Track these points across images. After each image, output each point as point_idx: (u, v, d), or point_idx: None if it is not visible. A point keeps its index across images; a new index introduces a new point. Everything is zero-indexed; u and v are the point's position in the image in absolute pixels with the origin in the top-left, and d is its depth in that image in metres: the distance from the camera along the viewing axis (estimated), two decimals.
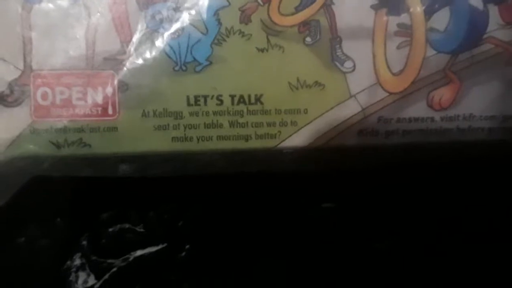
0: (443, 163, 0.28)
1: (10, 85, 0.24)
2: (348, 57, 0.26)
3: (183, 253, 0.28)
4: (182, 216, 0.29)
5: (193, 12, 0.25)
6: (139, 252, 0.28)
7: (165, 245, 0.29)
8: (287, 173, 0.28)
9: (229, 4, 0.25)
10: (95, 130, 0.25)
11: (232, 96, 0.26)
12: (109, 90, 0.25)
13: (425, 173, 0.29)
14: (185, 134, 0.26)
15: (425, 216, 0.29)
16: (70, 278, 0.28)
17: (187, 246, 0.29)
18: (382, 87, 0.27)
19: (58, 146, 0.25)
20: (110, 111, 0.25)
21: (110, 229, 0.29)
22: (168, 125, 0.25)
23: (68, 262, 0.28)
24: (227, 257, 0.29)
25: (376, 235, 0.29)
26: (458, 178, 0.29)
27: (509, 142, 0.28)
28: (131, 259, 0.28)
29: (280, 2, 0.26)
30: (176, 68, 0.25)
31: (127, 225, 0.29)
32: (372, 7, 0.26)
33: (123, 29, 0.25)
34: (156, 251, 0.28)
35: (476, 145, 0.28)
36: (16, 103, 0.24)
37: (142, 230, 0.29)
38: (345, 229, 0.29)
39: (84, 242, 0.28)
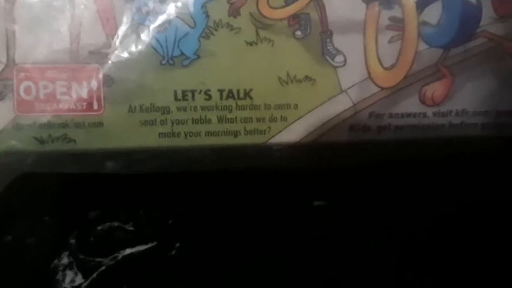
0: (436, 159, 0.28)
1: None
2: (339, 51, 0.26)
3: (173, 252, 0.28)
4: (172, 214, 0.29)
5: (180, 4, 0.25)
6: (128, 251, 0.28)
7: (154, 243, 0.28)
8: (277, 170, 0.28)
9: None
10: (80, 126, 0.24)
11: (221, 91, 0.25)
12: (94, 84, 0.24)
13: (418, 169, 0.29)
14: (172, 130, 0.25)
15: (418, 213, 0.29)
16: (57, 277, 0.28)
17: (177, 244, 0.28)
18: (373, 82, 0.26)
19: (42, 141, 0.24)
20: (95, 106, 0.24)
21: (99, 227, 0.28)
22: (155, 120, 0.25)
23: (56, 261, 0.28)
24: (217, 255, 0.28)
25: (368, 232, 0.29)
26: (451, 174, 0.29)
27: (502, 137, 0.28)
28: (120, 257, 0.28)
29: None
30: (163, 62, 0.25)
31: (116, 223, 0.28)
32: (364, 0, 0.26)
33: (108, 22, 0.24)
34: (146, 249, 0.28)
35: (470, 140, 0.27)
36: None
37: (131, 228, 0.28)
38: (336, 225, 0.29)
39: (72, 241, 0.28)
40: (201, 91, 0.25)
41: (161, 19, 0.24)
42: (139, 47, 0.24)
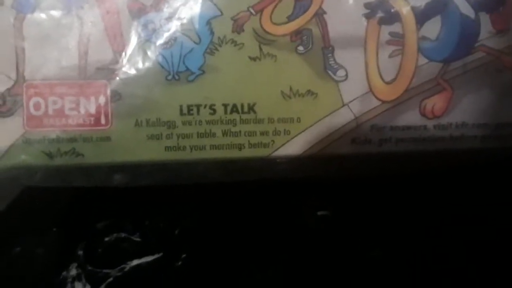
0: (436, 171, 0.28)
1: (3, 95, 0.24)
2: (340, 66, 0.26)
3: (180, 262, 0.28)
4: (178, 225, 0.29)
5: (185, 21, 0.25)
6: (135, 262, 0.28)
7: (161, 254, 0.28)
8: (280, 182, 0.28)
9: (222, 13, 0.25)
10: (88, 140, 0.25)
11: (225, 105, 0.26)
12: (101, 99, 0.25)
13: (419, 181, 0.29)
14: (178, 144, 0.26)
15: (418, 224, 0.29)
16: None
17: (184, 255, 0.29)
18: (374, 96, 0.27)
19: (51, 156, 0.25)
20: (102, 121, 0.25)
21: (106, 239, 0.28)
22: (161, 134, 0.25)
23: (64, 273, 0.28)
24: (223, 266, 0.29)
25: (369, 244, 0.29)
26: (452, 186, 0.29)
27: (502, 149, 0.28)
28: (127, 268, 0.28)
29: (272, 11, 0.26)
30: (169, 78, 0.25)
31: (123, 235, 0.29)
32: (364, 16, 0.26)
33: (116, 39, 0.25)
34: (153, 260, 0.28)
35: (469, 153, 0.28)
36: (9, 113, 0.24)
37: (138, 239, 0.29)
38: (338, 237, 0.29)
39: (80, 252, 0.28)
40: (206, 105, 0.26)
41: (167, 35, 0.25)
42: (146, 63, 0.25)
